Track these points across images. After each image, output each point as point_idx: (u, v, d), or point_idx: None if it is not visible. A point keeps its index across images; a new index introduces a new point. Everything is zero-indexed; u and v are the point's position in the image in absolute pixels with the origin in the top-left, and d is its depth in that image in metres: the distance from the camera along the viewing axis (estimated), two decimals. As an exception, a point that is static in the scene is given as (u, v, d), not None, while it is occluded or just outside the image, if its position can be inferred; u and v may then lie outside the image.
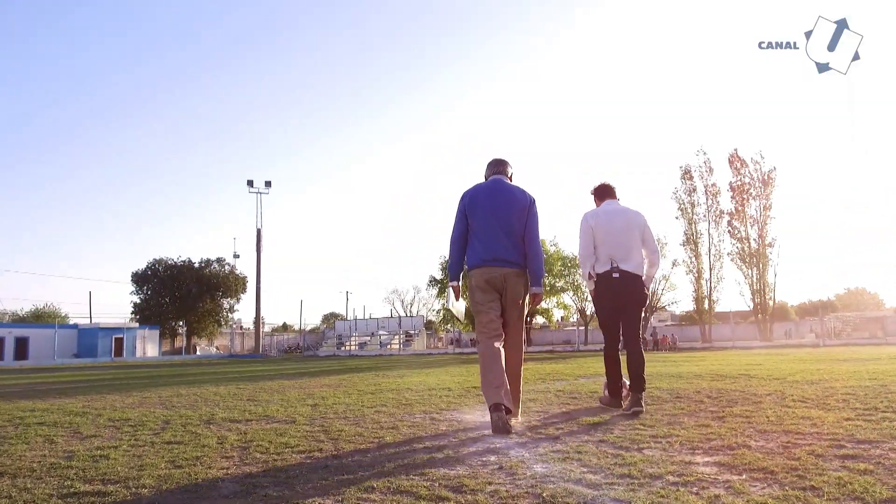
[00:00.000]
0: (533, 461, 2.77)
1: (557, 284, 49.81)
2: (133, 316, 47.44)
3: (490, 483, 2.37)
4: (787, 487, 2.19)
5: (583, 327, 45.84)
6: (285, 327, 68.05)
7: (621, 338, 4.85)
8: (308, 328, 63.94)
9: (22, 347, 37.13)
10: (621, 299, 4.67)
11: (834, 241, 78.91)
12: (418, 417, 4.45)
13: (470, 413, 4.63)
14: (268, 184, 49.04)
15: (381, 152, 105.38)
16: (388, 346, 44.52)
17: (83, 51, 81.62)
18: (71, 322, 46.99)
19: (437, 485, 2.36)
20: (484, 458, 2.86)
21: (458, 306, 4.43)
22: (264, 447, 3.32)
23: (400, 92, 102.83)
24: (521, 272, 4.18)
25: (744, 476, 2.39)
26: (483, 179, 4.43)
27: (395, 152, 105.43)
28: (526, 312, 4.37)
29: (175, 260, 48.37)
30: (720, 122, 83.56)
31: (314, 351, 44.89)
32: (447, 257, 4.73)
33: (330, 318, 71.99)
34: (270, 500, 2.20)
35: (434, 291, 57.54)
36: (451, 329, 48.88)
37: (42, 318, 51.07)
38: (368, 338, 47.48)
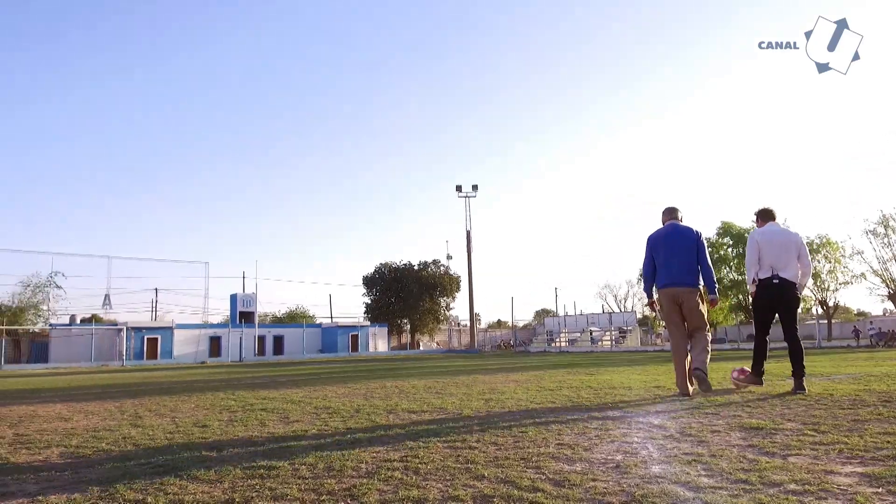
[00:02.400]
0: (656, 461, 2.75)
1: (789, 273, 44.54)
2: (365, 315, 52.63)
3: (595, 479, 2.44)
4: (919, 505, 1.95)
5: (825, 321, 40.35)
6: (500, 324, 70.17)
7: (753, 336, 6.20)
8: (521, 324, 65.28)
9: (278, 344, 43.40)
10: (778, 301, 5.79)
11: None
12: (575, 416, 4.52)
13: (630, 413, 4.59)
14: (475, 187, 51.07)
15: (589, 150, 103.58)
16: (600, 343, 43.69)
17: (305, 61, 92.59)
18: (316, 322, 53.46)
19: (543, 478, 2.50)
20: (609, 457, 2.90)
21: (656, 313, 6.38)
22: (419, 438, 3.70)
23: (606, 90, 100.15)
24: (693, 290, 5.82)
25: (881, 489, 2.16)
26: (661, 224, 6.19)
27: (602, 150, 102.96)
28: (706, 315, 5.89)
29: (398, 263, 52.66)
30: None
31: (525, 347, 45.72)
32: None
33: (541, 314, 72.73)
34: (393, 481, 2.53)
35: (646, 285, 54.85)
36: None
37: (295, 319, 58.73)
38: (579, 334, 47.04)
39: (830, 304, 42.03)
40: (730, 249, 42.28)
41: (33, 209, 78.03)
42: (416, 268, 52.45)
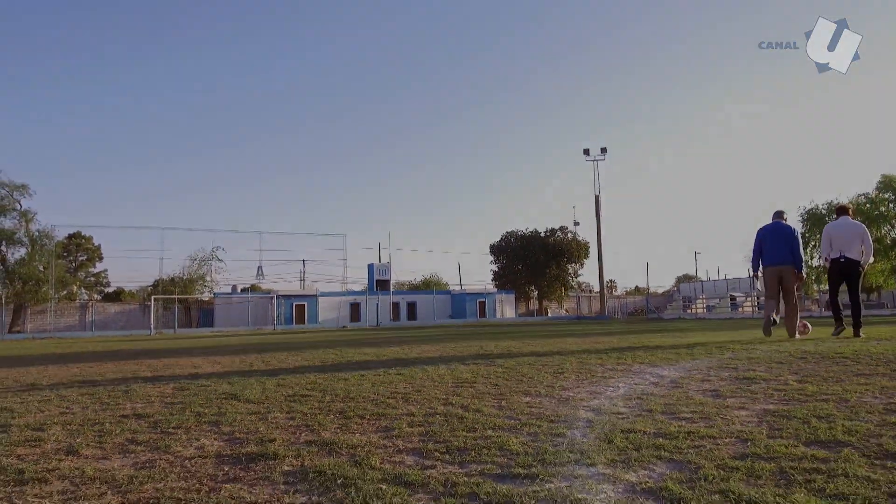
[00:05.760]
0: (605, 398, 3.26)
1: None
2: (493, 282, 53.81)
3: (532, 407, 3.03)
4: (770, 427, 2.34)
5: None
6: (637, 290, 68.38)
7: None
8: (660, 290, 63.27)
9: (411, 310, 45.94)
10: (843, 274, 8.18)
11: None
12: (599, 368, 4.98)
13: (654, 366, 4.96)
14: (603, 150, 49.87)
15: (721, 108, 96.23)
16: (741, 309, 41.46)
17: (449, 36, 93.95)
18: (447, 289, 55.51)
19: (495, 405, 3.13)
20: (572, 394, 3.44)
21: (759, 284, 8.78)
22: (441, 379, 4.40)
23: (748, 51, 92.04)
24: (790, 267, 8.27)
25: (754, 419, 2.56)
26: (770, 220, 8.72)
27: (737, 108, 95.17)
28: (796, 288, 8.31)
29: (524, 231, 53.12)
30: None
31: (658, 314, 44.50)
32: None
33: (681, 280, 69.82)
34: (381, 405, 3.27)
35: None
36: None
37: (429, 286, 61.29)
38: (717, 300, 44.88)
39: None
40: (892, 206, 38.00)
41: (197, 192, 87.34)
42: (542, 235, 52.55)
